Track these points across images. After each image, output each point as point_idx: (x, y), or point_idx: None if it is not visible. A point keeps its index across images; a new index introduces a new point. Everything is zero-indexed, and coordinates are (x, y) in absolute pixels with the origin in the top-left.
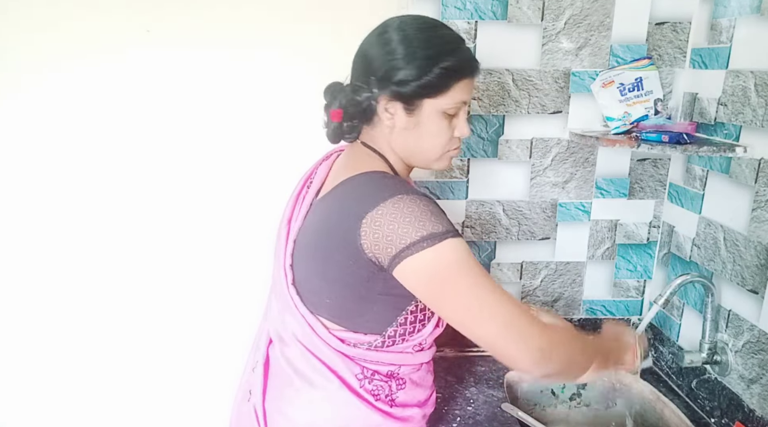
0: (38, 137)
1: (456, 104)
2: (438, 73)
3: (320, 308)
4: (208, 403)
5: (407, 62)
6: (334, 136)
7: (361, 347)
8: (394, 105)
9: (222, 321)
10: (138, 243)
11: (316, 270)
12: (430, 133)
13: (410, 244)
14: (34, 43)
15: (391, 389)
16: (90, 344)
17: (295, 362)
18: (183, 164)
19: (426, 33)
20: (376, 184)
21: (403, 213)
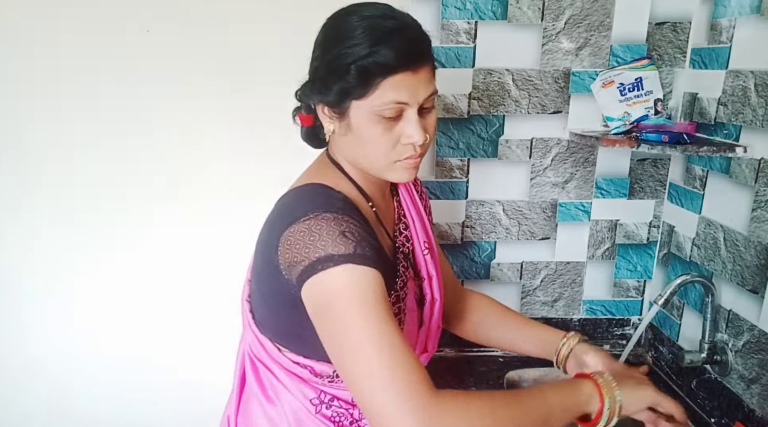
0: (38, 138)
1: (389, 106)
2: (354, 73)
3: (269, 329)
4: (209, 400)
5: (326, 62)
6: (309, 140)
7: (317, 377)
8: (326, 109)
9: (224, 319)
10: (141, 242)
11: (258, 289)
12: (365, 140)
13: (308, 265)
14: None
15: (353, 416)
16: (93, 341)
17: (257, 377)
18: (182, 166)
19: (355, 25)
20: (300, 200)
21: (310, 232)
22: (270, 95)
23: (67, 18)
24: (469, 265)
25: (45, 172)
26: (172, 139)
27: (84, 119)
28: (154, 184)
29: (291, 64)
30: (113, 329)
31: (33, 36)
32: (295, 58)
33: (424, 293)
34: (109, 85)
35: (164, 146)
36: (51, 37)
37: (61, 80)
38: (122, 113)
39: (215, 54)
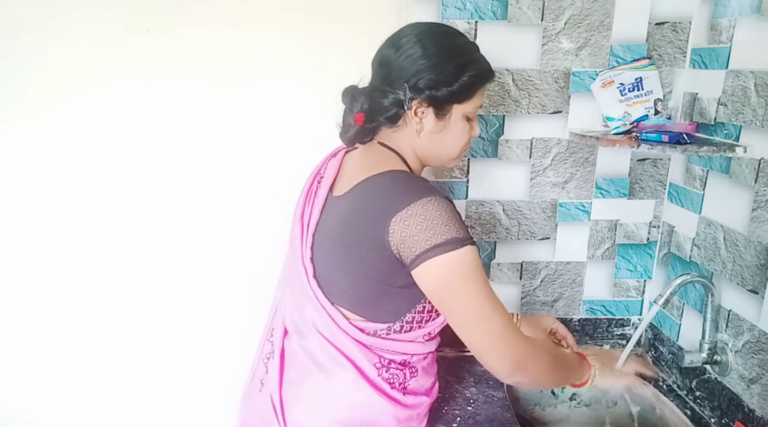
0: (39, 138)
1: (476, 109)
2: (467, 80)
3: (341, 299)
4: (211, 398)
5: (440, 70)
6: (353, 139)
7: (377, 337)
8: (426, 110)
9: (229, 317)
10: (141, 242)
11: (337, 263)
12: (454, 136)
13: (435, 245)
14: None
15: (405, 376)
16: (96, 341)
17: (314, 353)
18: (187, 164)
19: (450, 42)
20: (404, 185)
21: (431, 215)
22: (271, 93)
23: (67, 17)
24: None
25: (45, 171)
26: (173, 137)
27: (84, 119)
28: (156, 183)
29: (296, 64)
30: (113, 330)
31: (33, 35)
32: (300, 57)
33: None
34: (110, 85)
35: (165, 145)
36: (51, 35)
37: (62, 78)
38: (123, 113)
39: (216, 52)
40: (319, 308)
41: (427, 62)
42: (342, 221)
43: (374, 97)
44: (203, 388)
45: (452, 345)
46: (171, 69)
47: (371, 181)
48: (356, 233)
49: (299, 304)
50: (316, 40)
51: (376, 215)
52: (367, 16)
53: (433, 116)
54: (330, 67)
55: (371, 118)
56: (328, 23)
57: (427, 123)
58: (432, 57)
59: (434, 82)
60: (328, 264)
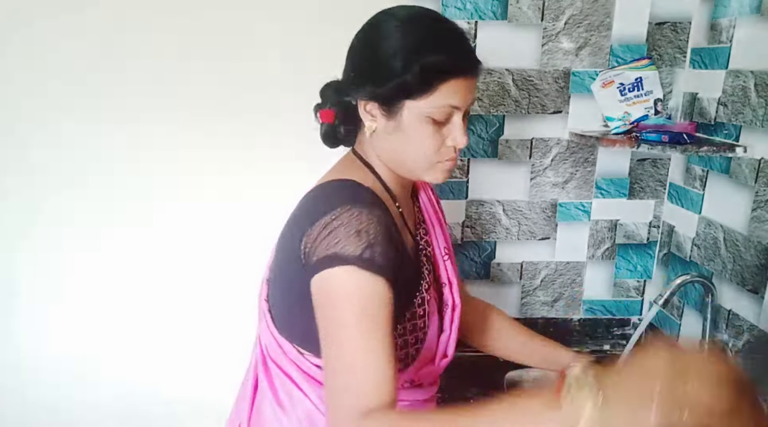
0: (38, 137)
1: (442, 109)
2: (417, 71)
3: (287, 330)
4: (212, 403)
5: (385, 59)
6: (327, 139)
7: None
8: (372, 106)
9: (227, 331)
10: (143, 246)
11: (278, 288)
12: (412, 141)
13: (325, 257)
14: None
15: None
16: (97, 340)
17: (271, 382)
18: (188, 165)
19: (413, 25)
20: (328, 195)
21: (334, 225)
22: (276, 95)
23: (67, 17)
24: (469, 265)
25: (45, 173)
26: (175, 139)
27: (85, 119)
28: (157, 185)
29: (299, 64)
30: (114, 330)
31: (33, 35)
32: (303, 58)
33: (445, 299)
34: (111, 86)
35: (166, 146)
36: (51, 35)
37: (62, 79)
38: (124, 112)
39: (222, 55)
40: (269, 335)
41: (374, 49)
42: (279, 238)
43: (337, 91)
44: (202, 391)
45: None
46: (171, 69)
47: (308, 193)
48: (283, 252)
49: (260, 327)
50: (317, 41)
51: (295, 229)
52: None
53: (381, 114)
54: (330, 71)
55: (340, 118)
56: (329, 24)
57: (378, 123)
58: (376, 44)
59: (375, 72)
60: (274, 288)
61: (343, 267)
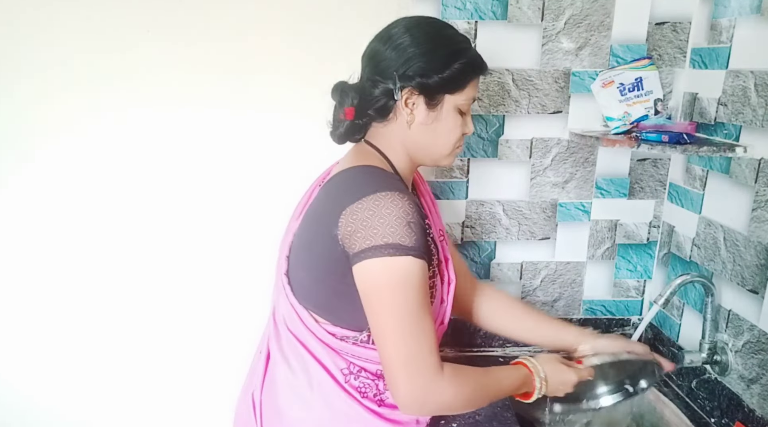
0: (39, 136)
1: (469, 101)
2: (458, 68)
3: (308, 300)
4: (214, 396)
5: (430, 57)
6: (344, 136)
7: (347, 342)
8: (417, 99)
9: (229, 319)
10: (145, 244)
11: (303, 261)
12: (446, 129)
13: (374, 246)
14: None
15: (378, 388)
16: (99, 340)
17: (286, 353)
18: (189, 166)
19: (440, 31)
20: (363, 178)
21: (380, 212)
22: (275, 96)
23: (67, 17)
24: (469, 265)
25: (45, 172)
26: (175, 137)
27: (85, 119)
28: (157, 182)
29: (296, 67)
30: (114, 331)
31: (33, 35)
32: (304, 57)
33: (443, 274)
34: (110, 84)
35: (166, 145)
36: (51, 35)
37: (63, 79)
38: (124, 113)
39: (220, 51)
40: (287, 305)
41: (416, 50)
42: (307, 216)
43: (364, 89)
44: (204, 387)
45: (452, 345)
46: (170, 72)
47: (337, 176)
48: (315, 228)
49: (277, 300)
50: (316, 43)
51: (331, 209)
52: (367, 18)
53: (424, 106)
54: (329, 70)
55: (361, 113)
56: (328, 26)
57: (418, 114)
58: (421, 45)
59: (425, 69)
60: (297, 263)
61: (406, 258)
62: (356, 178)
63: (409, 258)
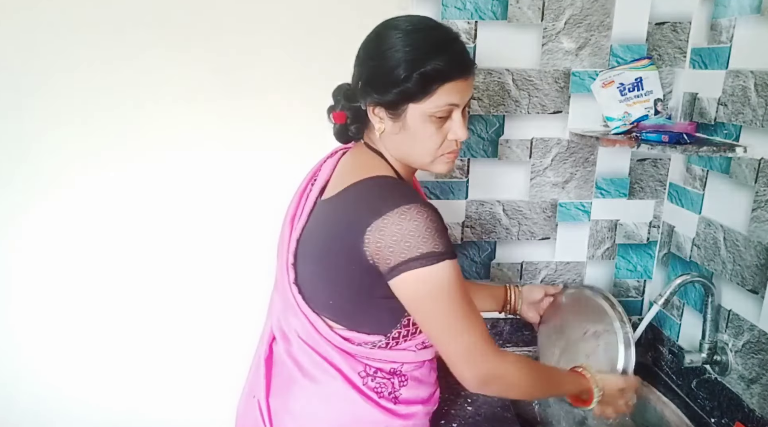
0: (37, 138)
1: (443, 108)
2: (416, 79)
3: (322, 308)
4: (214, 401)
5: (388, 69)
6: (340, 137)
7: (365, 347)
8: (380, 110)
9: (227, 320)
10: (145, 245)
11: (319, 272)
12: (418, 138)
13: (409, 259)
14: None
15: (394, 386)
16: (99, 341)
17: (299, 359)
18: (187, 166)
19: (411, 36)
20: (383, 192)
21: (408, 226)
22: (271, 95)
23: (67, 18)
24: (469, 265)
25: (46, 173)
26: (172, 139)
27: (84, 120)
28: (156, 184)
29: (296, 63)
30: (114, 331)
31: (33, 37)
32: (300, 58)
33: None
34: (110, 85)
35: (164, 146)
36: (51, 36)
37: (62, 80)
38: (123, 113)
39: (217, 53)
40: (300, 315)
41: (374, 62)
42: (324, 227)
43: (347, 96)
44: (203, 390)
45: None
46: (170, 72)
47: (353, 188)
48: (335, 241)
49: (284, 309)
50: (315, 42)
51: (354, 224)
52: (366, 18)
53: (388, 117)
54: (328, 71)
55: (351, 118)
56: (328, 26)
57: (386, 124)
58: (380, 56)
59: (381, 82)
60: (311, 271)
61: (443, 263)
62: (374, 191)
63: (445, 263)
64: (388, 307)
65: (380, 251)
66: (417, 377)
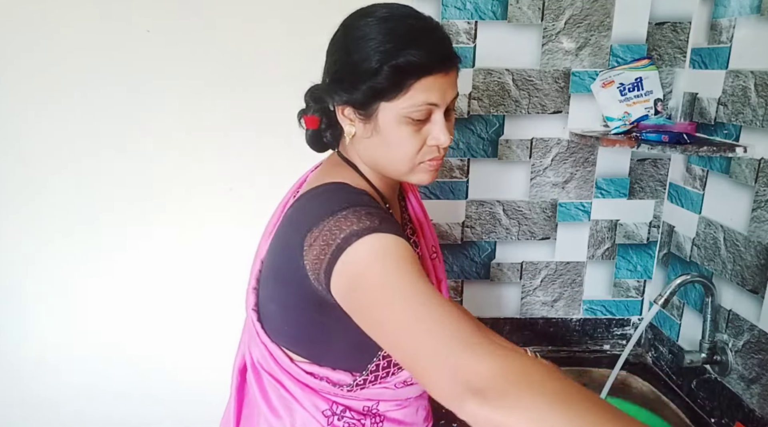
0: (39, 138)
1: (420, 108)
2: (387, 72)
3: (280, 336)
4: (207, 404)
5: (355, 62)
6: (313, 145)
7: (328, 384)
8: (349, 110)
9: (220, 328)
10: (137, 245)
11: (272, 294)
12: (391, 143)
13: (335, 249)
14: None
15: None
16: (91, 344)
17: (267, 391)
18: (182, 167)
19: (383, 25)
20: (327, 197)
21: (341, 226)
22: (269, 95)
23: (66, 19)
24: (469, 265)
25: (45, 173)
26: (171, 141)
27: (84, 120)
28: (155, 185)
29: (291, 64)
30: (114, 331)
31: (32, 36)
32: (296, 58)
33: None
34: (109, 86)
35: (163, 148)
36: (50, 37)
37: (61, 82)
38: (122, 114)
39: (214, 55)
40: (259, 345)
41: (341, 55)
42: (273, 243)
43: (315, 97)
44: (201, 391)
45: None
46: (169, 70)
47: (301, 199)
48: (281, 258)
49: (249, 337)
50: (315, 42)
51: (294, 236)
52: None
53: (358, 119)
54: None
55: (324, 123)
56: (328, 26)
57: (357, 126)
58: (348, 47)
59: (348, 77)
60: (265, 295)
61: (368, 236)
62: (320, 198)
63: (373, 235)
64: (351, 337)
65: (315, 257)
66: (398, 419)
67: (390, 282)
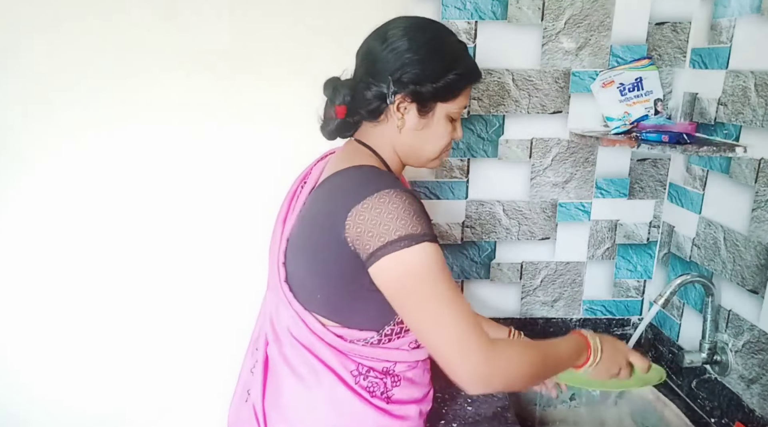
0: (36, 136)
1: (460, 109)
2: (452, 78)
3: (313, 304)
4: (205, 405)
5: (426, 65)
6: (334, 133)
7: (357, 344)
8: (409, 105)
9: (218, 324)
10: (136, 247)
11: (305, 265)
12: (435, 135)
13: (387, 243)
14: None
15: (386, 386)
16: (91, 344)
17: (290, 360)
18: (180, 167)
19: (438, 38)
20: (364, 178)
21: (386, 209)
22: (271, 90)
23: (65, 17)
24: (469, 265)
25: (45, 173)
26: (171, 136)
27: (82, 118)
28: (154, 181)
29: (292, 61)
30: (113, 330)
31: (30, 34)
32: (296, 55)
33: None
34: (109, 86)
35: (163, 143)
36: (49, 35)
37: (60, 78)
38: (121, 112)
39: (214, 51)
40: (291, 313)
41: (413, 56)
42: (308, 220)
43: (357, 89)
44: (194, 394)
45: None
46: (168, 69)
47: (336, 176)
48: (318, 230)
49: (276, 309)
50: (315, 42)
51: (335, 212)
52: (366, 18)
53: (416, 113)
54: (327, 70)
55: (353, 112)
56: (327, 26)
57: (408, 119)
58: (418, 51)
59: (419, 77)
60: (298, 267)
61: (422, 245)
62: (354, 178)
63: (424, 245)
64: (378, 300)
65: (360, 236)
66: (410, 378)
67: (432, 289)
